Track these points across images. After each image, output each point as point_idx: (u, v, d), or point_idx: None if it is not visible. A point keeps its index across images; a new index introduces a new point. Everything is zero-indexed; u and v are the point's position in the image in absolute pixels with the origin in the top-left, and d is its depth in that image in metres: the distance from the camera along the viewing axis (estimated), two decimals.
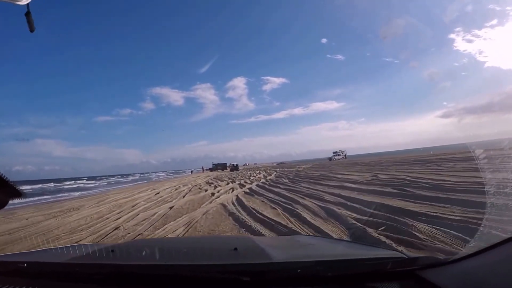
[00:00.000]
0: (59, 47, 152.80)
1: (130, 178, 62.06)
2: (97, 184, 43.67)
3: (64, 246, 1.69)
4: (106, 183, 44.19)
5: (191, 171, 64.94)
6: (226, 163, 61.69)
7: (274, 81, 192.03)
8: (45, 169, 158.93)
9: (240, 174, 35.92)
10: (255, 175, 29.58)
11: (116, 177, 78.52)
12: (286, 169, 36.98)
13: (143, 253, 1.45)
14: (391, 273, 1.08)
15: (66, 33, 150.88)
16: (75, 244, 2.25)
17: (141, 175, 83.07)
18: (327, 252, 1.60)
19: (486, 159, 2.11)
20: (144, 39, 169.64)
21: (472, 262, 0.97)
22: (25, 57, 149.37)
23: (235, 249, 1.32)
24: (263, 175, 28.39)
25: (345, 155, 66.94)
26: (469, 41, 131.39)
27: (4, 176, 0.80)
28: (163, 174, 78.06)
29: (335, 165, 36.25)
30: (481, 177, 2.83)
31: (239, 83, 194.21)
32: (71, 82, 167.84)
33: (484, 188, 2.66)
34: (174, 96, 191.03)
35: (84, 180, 57.75)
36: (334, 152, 65.87)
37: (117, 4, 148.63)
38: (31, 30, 1.25)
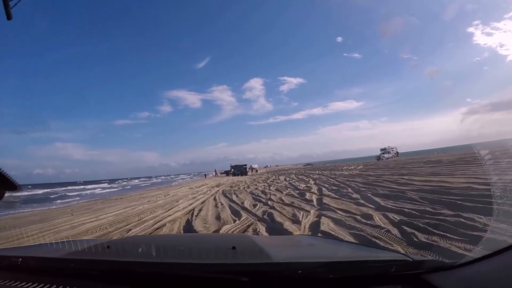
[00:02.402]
0: (78, 54, 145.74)
1: (149, 182, 52.15)
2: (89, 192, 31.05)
3: (59, 241, 1.44)
4: (87, 192, 30.40)
5: (205, 175, 49.82)
6: (245, 165, 45.84)
7: (291, 81, 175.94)
8: (66, 172, 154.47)
9: (268, 181, 19.91)
10: (312, 190, 13.39)
11: (140, 179, 71.63)
12: (343, 172, 21.48)
13: (139, 250, 1.29)
14: (395, 276, 0.96)
15: (83, 39, 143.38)
16: (71, 239, 1.60)
17: (164, 178, 76.52)
18: (329, 254, 1.41)
19: None
20: (160, 43, 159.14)
21: (478, 267, 0.89)
22: (43, 62, 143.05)
23: (234, 248, 1.19)
24: (353, 195, 12.13)
25: (397, 153, 49.25)
26: (489, 34, 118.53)
27: (1, 169, 0.74)
28: (188, 177, 68.70)
29: (410, 165, 21.07)
30: None
31: (256, 84, 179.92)
32: (89, 87, 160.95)
33: None
34: (191, 99, 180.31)
35: (105, 184, 49.74)
36: (382, 149, 49.06)
37: (133, 8, 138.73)
38: (8, 18, 1.14)
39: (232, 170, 44.85)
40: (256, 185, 17.55)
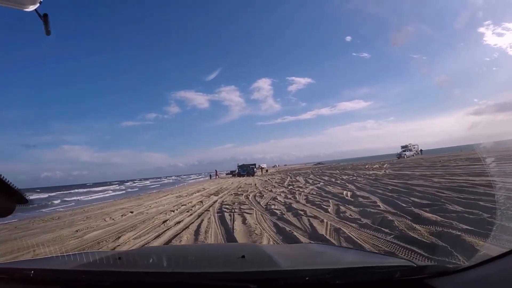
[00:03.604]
0: (85, 55, 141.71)
1: (159, 183, 46.57)
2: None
3: (71, 253, 1.38)
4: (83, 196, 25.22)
5: (210, 175, 43.79)
6: (254, 165, 39.81)
7: (300, 82, 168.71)
8: (74, 174, 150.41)
9: (286, 184, 14.24)
10: (378, 205, 7.54)
11: (151, 180, 67.78)
12: (376, 172, 15.92)
13: (150, 261, 1.28)
14: (400, 282, 0.93)
15: (91, 41, 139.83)
16: (82, 251, 1.86)
17: (175, 178, 70.86)
18: (336, 260, 1.37)
19: None
20: (167, 43, 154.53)
21: (482, 271, 0.86)
22: (51, 65, 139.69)
23: (243, 256, 1.15)
24: None
25: (420, 151, 42.57)
26: (500, 34, 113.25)
27: (11, 183, 0.72)
28: (201, 177, 61.51)
29: (453, 163, 15.98)
30: None
31: (264, 85, 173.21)
32: (96, 89, 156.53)
33: None
34: (199, 99, 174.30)
35: (114, 186, 45.80)
36: (403, 147, 42.85)
37: (140, 9, 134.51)
38: (47, 33, 1.20)
39: (238, 170, 38.33)
40: (271, 191, 11.75)
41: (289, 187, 12.90)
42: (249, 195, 10.71)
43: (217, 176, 41.26)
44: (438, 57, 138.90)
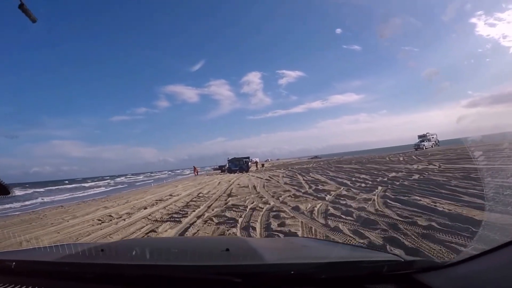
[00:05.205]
0: (72, 50, 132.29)
1: (151, 179, 43.21)
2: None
3: (53, 244, 1.34)
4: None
5: (197, 171, 35.98)
6: (248, 158, 32.85)
7: (290, 75, 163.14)
8: (64, 169, 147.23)
9: (308, 190, 8.04)
10: None
11: (142, 175, 64.54)
12: (430, 167, 9.44)
13: (133, 253, 1.20)
14: (387, 276, 0.89)
15: (79, 36, 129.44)
16: (65, 243, 1.51)
17: (168, 173, 65.65)
18: (322, 255, 1.30)
19: None
20: (155, 36, 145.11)
21: (469, 266, 0.83)
22: (38, 60, 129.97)
23: (227, 250, 1.11)
24: None
25: (437, 141, 37.06)
26: (492, 25, 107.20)
27: None
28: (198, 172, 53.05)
29: None
30: None
31: (254, 78, 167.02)
32: (85, 83, 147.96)
33: None
34: (188, 93, 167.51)
35: (104, 181, 43.36)
36: (420, 136, 35.90)
37: (126, 4, 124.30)
38: (33, 21, 1.12)
39: (228, 165, 31.40)
40: (300, 211, 5.42)
41: (325, 195, 6.67)
42: (255, 229, 4.32)
43: (196, 172, 33.91)
44: (429, 49, 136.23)
